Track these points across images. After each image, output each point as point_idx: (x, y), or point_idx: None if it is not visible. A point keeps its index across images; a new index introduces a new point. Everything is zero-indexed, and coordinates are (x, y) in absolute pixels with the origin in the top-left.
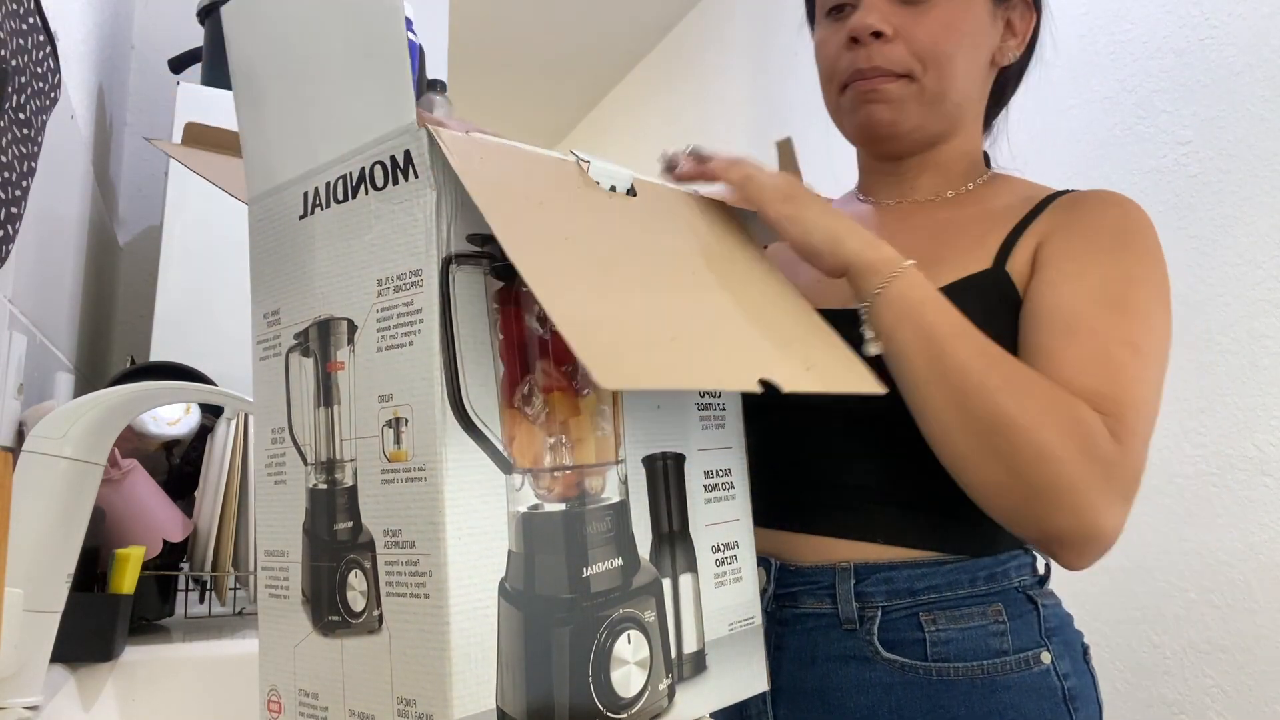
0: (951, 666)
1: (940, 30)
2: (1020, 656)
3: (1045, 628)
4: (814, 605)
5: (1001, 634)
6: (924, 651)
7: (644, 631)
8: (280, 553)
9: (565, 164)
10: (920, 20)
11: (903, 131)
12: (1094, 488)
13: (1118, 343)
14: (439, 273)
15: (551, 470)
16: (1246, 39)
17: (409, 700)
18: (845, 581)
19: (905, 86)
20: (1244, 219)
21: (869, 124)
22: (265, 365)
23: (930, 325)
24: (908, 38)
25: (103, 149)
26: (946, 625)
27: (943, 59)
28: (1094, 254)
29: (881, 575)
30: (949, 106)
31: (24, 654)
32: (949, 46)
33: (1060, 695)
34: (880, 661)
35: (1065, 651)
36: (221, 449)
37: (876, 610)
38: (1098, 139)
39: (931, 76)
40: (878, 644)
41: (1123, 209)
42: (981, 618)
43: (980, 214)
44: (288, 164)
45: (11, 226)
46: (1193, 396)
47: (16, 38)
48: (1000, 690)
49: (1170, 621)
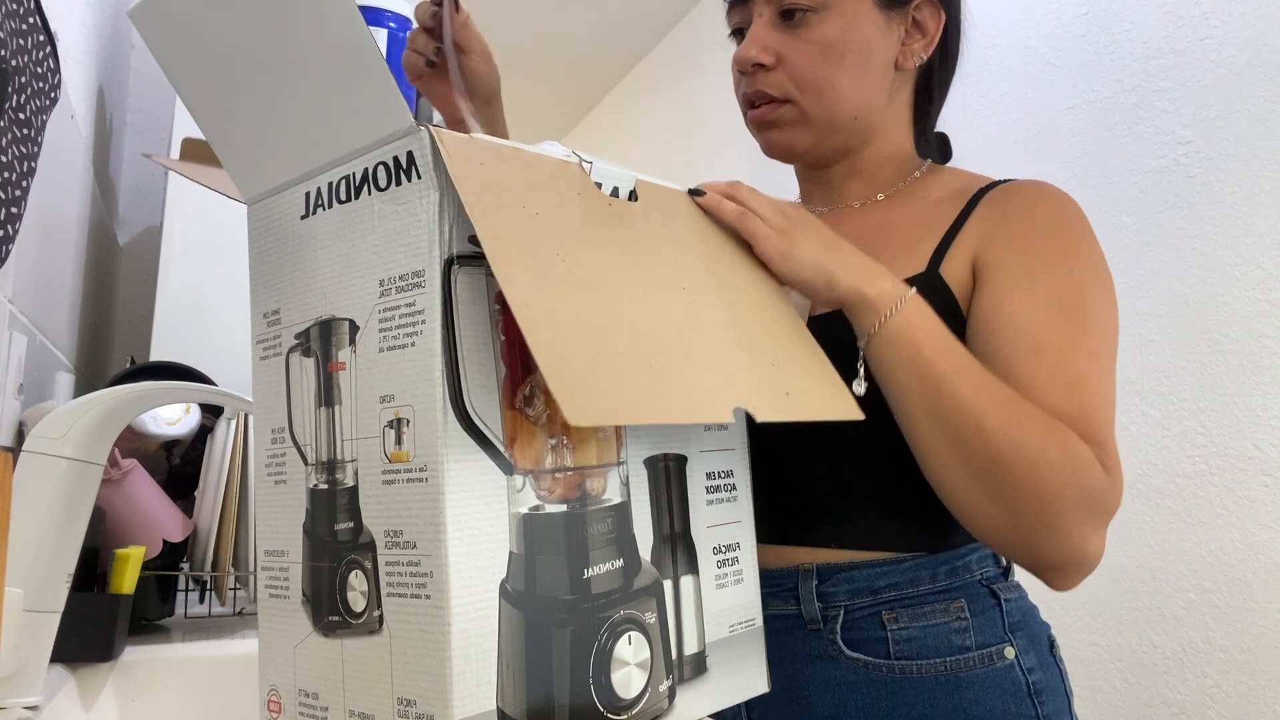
0: (914, 664)
1: (816, 55)
2: (983, 652)
3: (1009, 622)
4: (780, 607)
5: (964, 630)
6: (887, 650)
7: (645, 633)
8: (280, 553)
9: (568, 167)
10: (799, 45)
11: (800, 152)
12: (1086, 521)
13: (1083, 355)
14: (441, 274)
15: (553, 471)
16: (1246, 39)
17: (409, 701)
18: (807, 582)
19: (789, 111)
20: (1244, 219)
21: (768, 147)
22: (265, 365)
23: (927, 364)
24: (788, 65)
25: (103, 149)
26: (909, 623)
27: (820, 83)
28: (1038, 260)
29: (842, 575)
30: (843, 122)
31: (24, 654)
32: (826, 70)
33: (1025, 689)
34: (844, 660)
35: (1030, 646)
36: (221, 449)
37: (839, 609)
38: (1098, 139)
39: (810, 100)
40: (841, 643)
41: (1054, 204)
42: (944, 614)
43: (913, 214)
44: (280, 165)
45: (11, 226)
46: (1193, 396)
47: (16, 38)
48: (964, 687)
49: (1170, 621)
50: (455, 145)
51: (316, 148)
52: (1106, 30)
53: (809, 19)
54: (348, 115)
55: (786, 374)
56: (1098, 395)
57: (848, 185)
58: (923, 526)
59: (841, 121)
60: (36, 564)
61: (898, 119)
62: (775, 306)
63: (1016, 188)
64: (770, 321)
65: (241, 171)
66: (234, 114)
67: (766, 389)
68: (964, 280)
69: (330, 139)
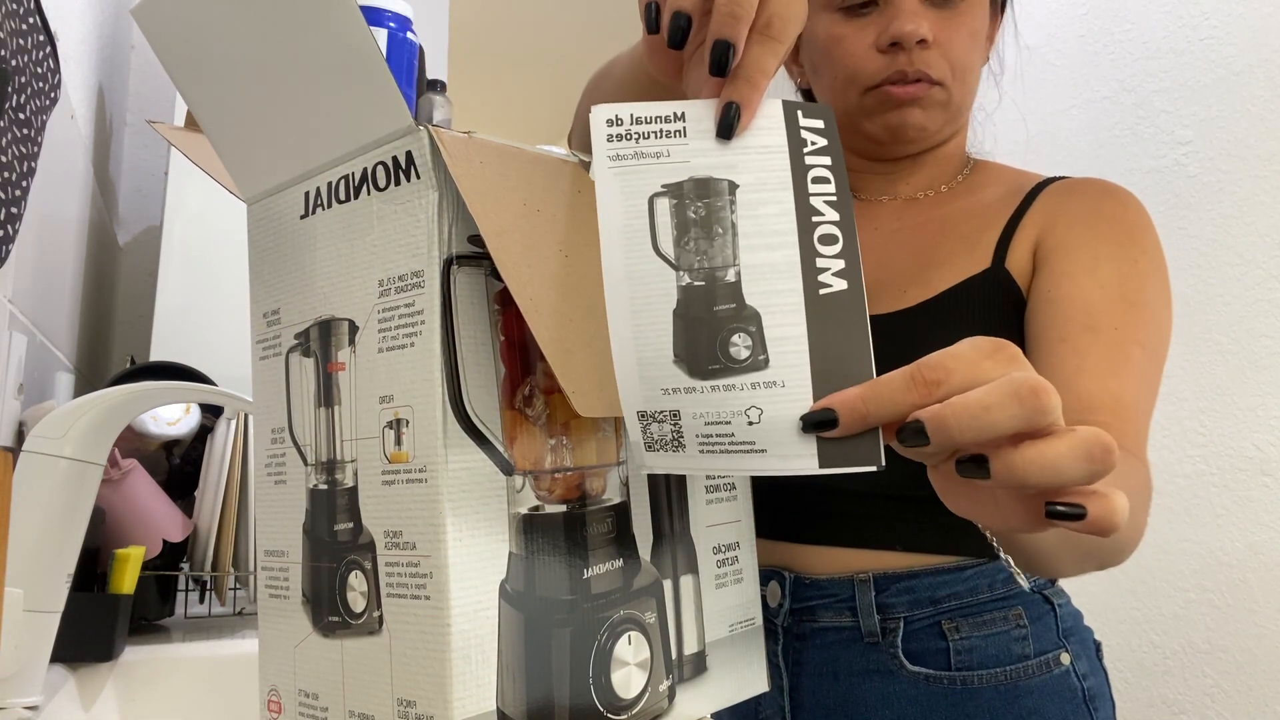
0: (975, 675)
1: (968, 39)
2: (1041, 659)
3: (1062, 628)
4: (833, 619)
5: (1023, 638)
6: (948, 661)
7: (644, 633)
8: (280, 553)
9: (567, 166)
10: (953, 27)
11: (929, 135)
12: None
13: (1136, 344)
14: (440, 274)
15: (552, 472)
16: (1246, 39)
17: (409, 701)
18: (865, 593)
19: (940, 93)
20: (1244, 219)
21: (901, 127)
22: (265, 365)
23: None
24: (944, 45)
25: (103, 149)
26: (970, 633)
27: (968, 68)
28: (1102, 246)
29: (902, 585)
30: (966, 111)
31: (24, 654)
32: (973, 58)
33: (1081, 696)
34: (905, 674)
35: (1082, 651)
36: (221, 449)
37: (899, 621)
38: (1098, 139)
39: (958, 85)
40: (902, 656)
41: (1119, 199)
42: (1004, 622)
43: (972, 207)
44: (280, 165)
45: (11, 226)
46: (1193, 396)
47: (16, 38)
48: (1024, 695)
49: (1170, 621)
50: (455, 145)
51: (316, 147)
52: (1106, 30)
53: (959, 5)
54: (347, 115)
55: None
56: (1143, 384)
57: (915, 176)
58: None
59: (966, 111)
60: (36, 564)
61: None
62: None
63: (1081, 183)
64: None
65: (241, 171)
66: (234, 113)
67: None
68: (1027, 271)
69: (330, 138)
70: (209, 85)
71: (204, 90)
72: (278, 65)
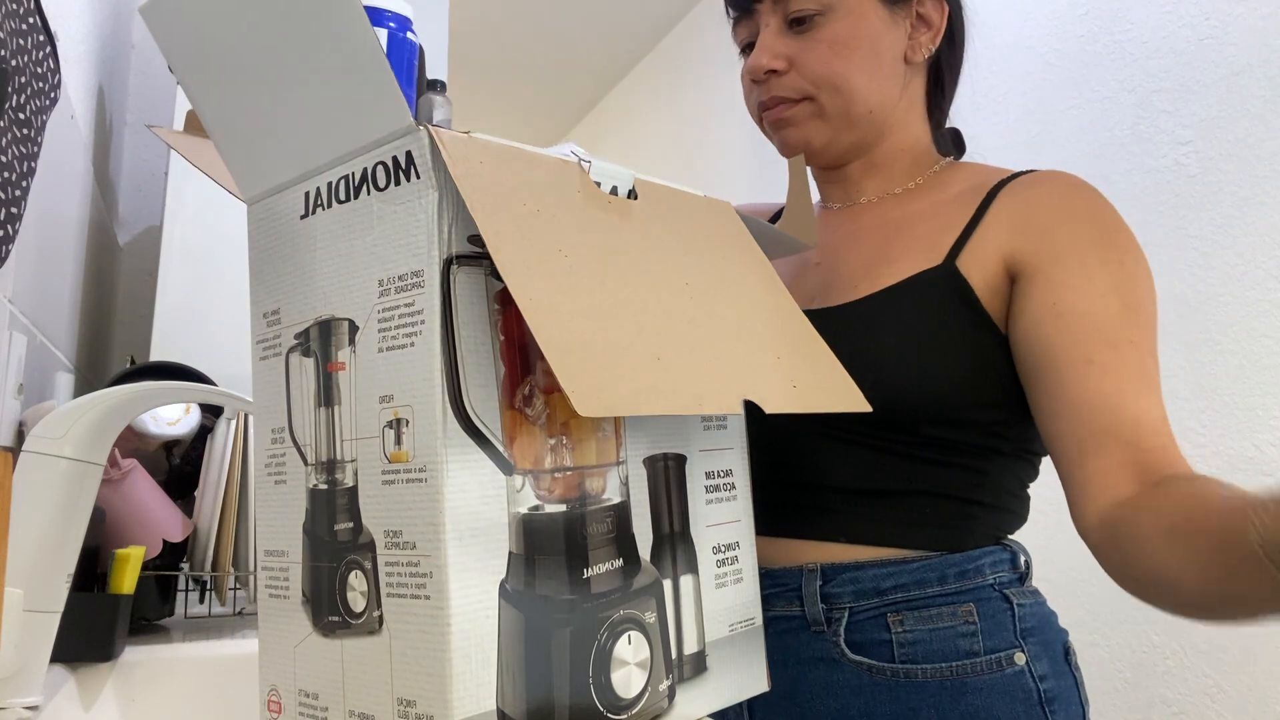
0: (919, 668)
1: (828, 53)
2: (992, 658)
3: (1021, 627)
4: (784, 608)
5: (972, 634)
6: (891, 653)
7: (644, 632)
8: (280, 553)
9: (567, 166)
10: (809, 47)
11: (817, 148)
12: None
13: (1148, 353)
14: (440, 274)
15: (552, 471)
16: (1246, 39)
17: (409, 701)
18: (811, 582)
19: (806, 108)
20: (1244, 219)
21: (785, 146)
22: (265, 365)
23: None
24: (800, 66)
25: (103, 149)
26: (914, 626)
27: (835, 78)
28: (1090, 251)
29: (848, 575)
30: (858, 116)
31: (24, 654)
32: (839, 65)
33: (1036, 697)
34: (847, 663)
35: (1043, 652)
36: (221, 449)
37: (843, 611)
38: (1098, 139)
39: (826, 95)
40: (844, 646)
41: (1089, 196)
42: (951, 617)
43: (931, 208)
44: (280, 165)
45: (11, 226)
46: (1193, 396)
47: (16, 38)
48: (970, 692)
49: (1170, 621)
50: (455, 145)
51: (316, 147)
52: (1106, 30)
53: (816, 22)
54: (348, 114)
55: (793, 367)
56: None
57: (865, 181)
58: (937, 529)
59: (857, 116)
60: (36, 564)
61: (911, 112)
62: (777, 301)
63: (1038, 179)
64: (773, 316)
65: (243, 170)
66: (238, 111)
67: (773, 381)
68: (989, 274)
69: (330, 138)
70: (213, 84)
71: (208, 89)
72: (281, 64)
